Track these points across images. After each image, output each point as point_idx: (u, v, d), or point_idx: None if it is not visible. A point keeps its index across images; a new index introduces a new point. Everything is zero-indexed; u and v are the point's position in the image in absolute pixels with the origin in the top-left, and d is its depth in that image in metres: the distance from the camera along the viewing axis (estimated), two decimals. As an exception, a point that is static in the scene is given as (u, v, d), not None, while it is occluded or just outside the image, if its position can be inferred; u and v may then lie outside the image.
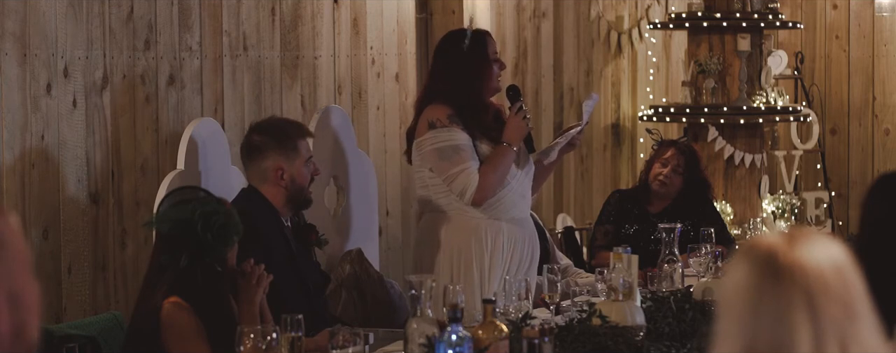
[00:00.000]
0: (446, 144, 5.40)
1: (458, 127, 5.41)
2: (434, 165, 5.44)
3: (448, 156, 5.40)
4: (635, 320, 4.43)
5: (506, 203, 5.51)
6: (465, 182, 5.39)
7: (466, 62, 5.50)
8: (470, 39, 5.54)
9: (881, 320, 2.17)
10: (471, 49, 5.52)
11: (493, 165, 5.42)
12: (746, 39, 8.52)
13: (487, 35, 5.63)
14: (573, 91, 8.73)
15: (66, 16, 5.25)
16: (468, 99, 5.47)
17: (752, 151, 8.62)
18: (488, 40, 5.58)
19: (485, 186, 5.40)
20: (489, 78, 5.52)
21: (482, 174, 5.40)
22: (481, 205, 5.44)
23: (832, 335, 2.08)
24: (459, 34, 5.62)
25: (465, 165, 5.39)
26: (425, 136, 5.43)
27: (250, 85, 6.15)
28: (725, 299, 2.16)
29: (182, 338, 4.22)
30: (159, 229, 4.38)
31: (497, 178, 5.43)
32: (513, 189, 5.52)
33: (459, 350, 3.61)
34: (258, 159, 5.15)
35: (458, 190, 5.41)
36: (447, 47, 5.60)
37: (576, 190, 8.79)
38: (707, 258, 5.42)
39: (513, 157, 5.48)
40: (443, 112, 5.42)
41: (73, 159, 5.29)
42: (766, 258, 2.12)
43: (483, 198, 5.43)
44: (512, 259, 5.52)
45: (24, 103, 5.09)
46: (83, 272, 5.29)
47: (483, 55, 5.52)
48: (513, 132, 5.46)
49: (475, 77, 5.49)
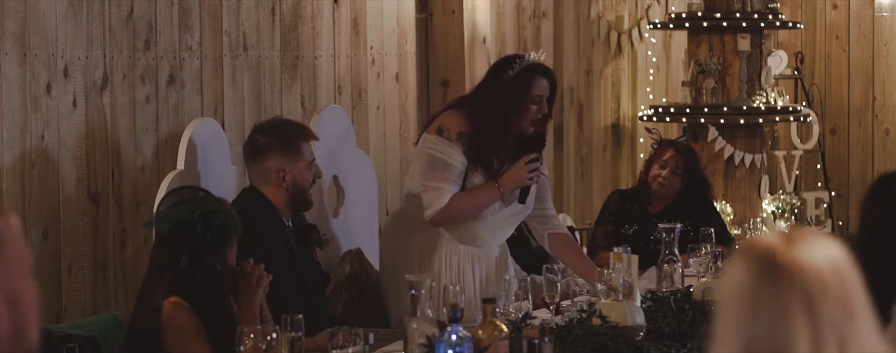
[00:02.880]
0: (441, 156, 5.32)
1: (460, 147, 5.31)
2: (420, 167, 5.38)
3: (435, 167, 5.32)
4: (635, 320, 4.43)
5: (472, 232, 5.41)
6: (434, 199, 5.30)
7: (502, 92, 5.31)
8: (518, 72, 5.33)
9: (880, 318, 2.18)
10: (513, 81, 5.32)
11: (470, 196, 5.32)
12: (746, 39, 8.52)
13: (539, 73, 5.36)
14: (573, 91, 8.73)
15: (66, 16, 5.25)
16: (487, 127, 5.32)
17: (752, 151, 8.62)
18: (536, 79, 5.33)
19: (450, 210, 5.30)
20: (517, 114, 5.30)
21: (454, 198, 5.29)
22: (437, 226, 5.35)
23: (831, 335, 2.08)
24: (510, 61, 5.42)
25: (444, 184, 5.29)
26: (430, 136, 5.37)
27: (250, 85, 6.15)
28: (724, 298, 2.16)
29: (182, 338, 4.22)
30: (159, 228, 4.38)
31: (467, 209, 5.32)
32: (487, 223, 5.42)
33: (459, 350, 3.61)
34: (261, 160, 5.15)
35: (426, 202, 5.33)
36: (494, 69, 5.45)
37: (576, 190, 8.79)
38: (707, 258, 5.42)
39: (495, 199, 5.35)
40: (457, 125, 5.30)
41: (73, 159, 5.29)
42: (765, 258, 2.12)
43: (442, 221, 5.32)
44: (470, 281, 5.45)
45: (24, 103, 5.09)
46: (83, 272, 5.29)
47: (522, 92, 5.30)
48: (511, 180, 5.33)
49: (503, 110, 5.30)
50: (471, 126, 5.31)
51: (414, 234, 5.44)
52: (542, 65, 5.44)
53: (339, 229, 6.06)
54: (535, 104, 5.34)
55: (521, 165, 5.32)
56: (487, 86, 5.41)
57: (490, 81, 5.41)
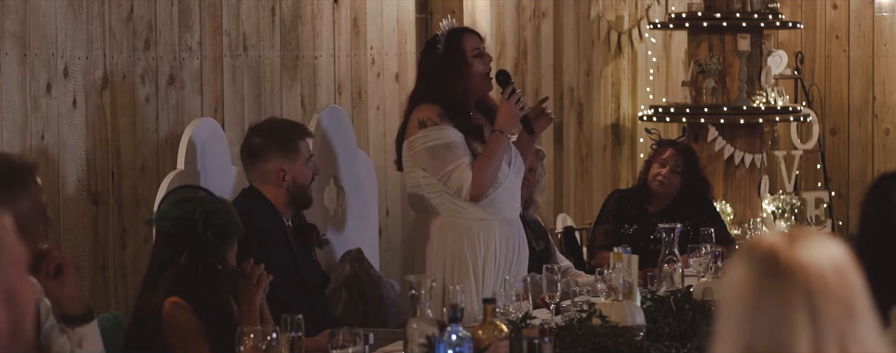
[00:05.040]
0: (438, 142, 5.35)
1: (449, 124, 5.35)
2: (427, 164, 5.39)
3: (440, 154, 5.35)
4: (635, 320, 4.43)
5: (498, 203, 5.46)
6: (460, 179, 5.34)
7: (444, 66, 5.41)
8: (444, 42, 5.44)
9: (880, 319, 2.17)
10: (446, 52, 5.42)
11: (487, 158, 5.35)
12: (746, 39, 8.52)
13: (463, 33, 5.51)
14: (573, 91, 8.73)
15: (66, 16, 5.25)
16: (455, 101, 5.40)
17: (752, 151, 8.62)
18: (464, 39, 5.46)
19: (480, 180, 5.33)
20: (470, 77, 5.43)
21: (476, 168, 5.33)
22: (480, 200, 5.37)
23: (832, 335, 2.08)
24: (432, 41, 5.52)
25: (458, 161, 5.33)
26: (416, 135, 5.38)
27: (250, 85, 6.15)
28: (725, 298, 2.16)
29: (182, 338, 4.22)
30: (160, 227, 4.38)
31: (492, 170, 5.36)
32: (505, 189, 5.46)
33: (459, 350, 3.61)
34: (259, 162, 5.15)
35: (455, 188, 5.36)
36: (425, 54, 5.56)
37: (576, 190, 8.79)
38: (707, 258, 5.42)
39: (506, 145, 5.41)
40: (433, 111, 5.36)
41: (73, 159, 5.29)
42: (766, 258, 2.12)
43: (481, 192, 5.36)
44: (504, 260, 5.49)
45: (24, 103, 5.09)
46: (83, 272, 5.29)
47: (459, 55, 5.41)
48: (505, 118, 5.38)
49: (456, 80, 5.40)
50: (441, 108, 5.36)
51: (442, 233, 5.43)
52: (461, 26, 5.67)
53: (340, 229, 6.06)
54: (477, 57, 5.44)
55: (505, 102, 5.39)
56: (429, 70, 5.48)
57: (428, 66, 5.49)
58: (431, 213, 5.46)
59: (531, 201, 6.38)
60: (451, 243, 5.42)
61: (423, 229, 5.49)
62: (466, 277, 5.38)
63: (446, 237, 5.43)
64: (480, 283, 5.42)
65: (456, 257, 5.42)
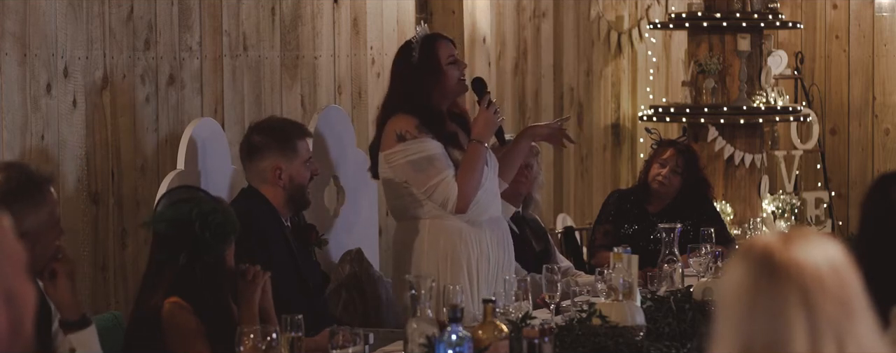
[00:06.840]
0: (419, 155, 5.30)
1: (427, 136, 5.29)
2: (410, 178, 5.35)
3: (423, 168, 5.30)
4: (635, 320, 4.43)
5: (483, 204, 5.43)
6: (445, 192, 5.30)
7: (418, 74, 5.34)
8: (418, 50, 5.36)
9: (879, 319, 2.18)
10: (421, 60, 5.35)
11: (469, 169, 5.31)
12: (746, 39, 8.52)
13: (438, 40, 5.43)
14: (573, 91, 8.73)
15: (66, 16, 5.26)
16: (429, 110, 5.33)
17: (752, 151, 8.62)
18: (439, 45, 5.39)
19: (465, 192, 5.30)
20: (444, 85, 5.35)
21: (460, 181, 5.29)
22: (466, 211, 5.35)
23: (829, 333, 2.09)
24: (405, 48, 5.44)
25: (441, 175, 5.29)
26: (395, 149, 5.32)
27: (250, 85, 6.15)
28: (722, 298, 2.16)
29: (182, 338, 4.22)
30: (157, 228, 4.37)
31: (475, 180, 5.33)
32: (486, 189, 5.43)
33: (459, 350, 3.61)
34: (257, 160, 5.15)
35: (440, 201, 5.32)
36: (398, 62, 5.45)
37: (576, 190, 8.79)
38: (707, 258, 5.42)
39: (484, 154, 5.37)
40: (410, 123, 5.29)
41: (73, 159, 5.29)
42: (762, 257, 2.12)
43: (466, 204, 5.33)
44: (495, 258, 5.48)
45: (24, 103, 5.10)
46: (83, 272, 5.29)
47: (434, 64, 5.34)
48: (482, 128, 5.35)
49: (430, 88, 5.33)
50: (417, 118, 5.31)
51: (431, 238, 5.40)
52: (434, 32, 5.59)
53: (340, 229, 6.06)
54: (452, 64, 5.38)
55: (482, 112, 5.37)
56: (403, 79, 5.40)
57: (403, 75, 5.40)
58: (416, 220, 5.42)
59: (531, 200, 6.38)
60: (444, 245, 5.40)
61: (410, 234, 5.45)
62: (460, 278, 5.36)
63: (438, 240, 5.40)
64: (475, 283, 5.41)
65: (449, 259, 5.40)
